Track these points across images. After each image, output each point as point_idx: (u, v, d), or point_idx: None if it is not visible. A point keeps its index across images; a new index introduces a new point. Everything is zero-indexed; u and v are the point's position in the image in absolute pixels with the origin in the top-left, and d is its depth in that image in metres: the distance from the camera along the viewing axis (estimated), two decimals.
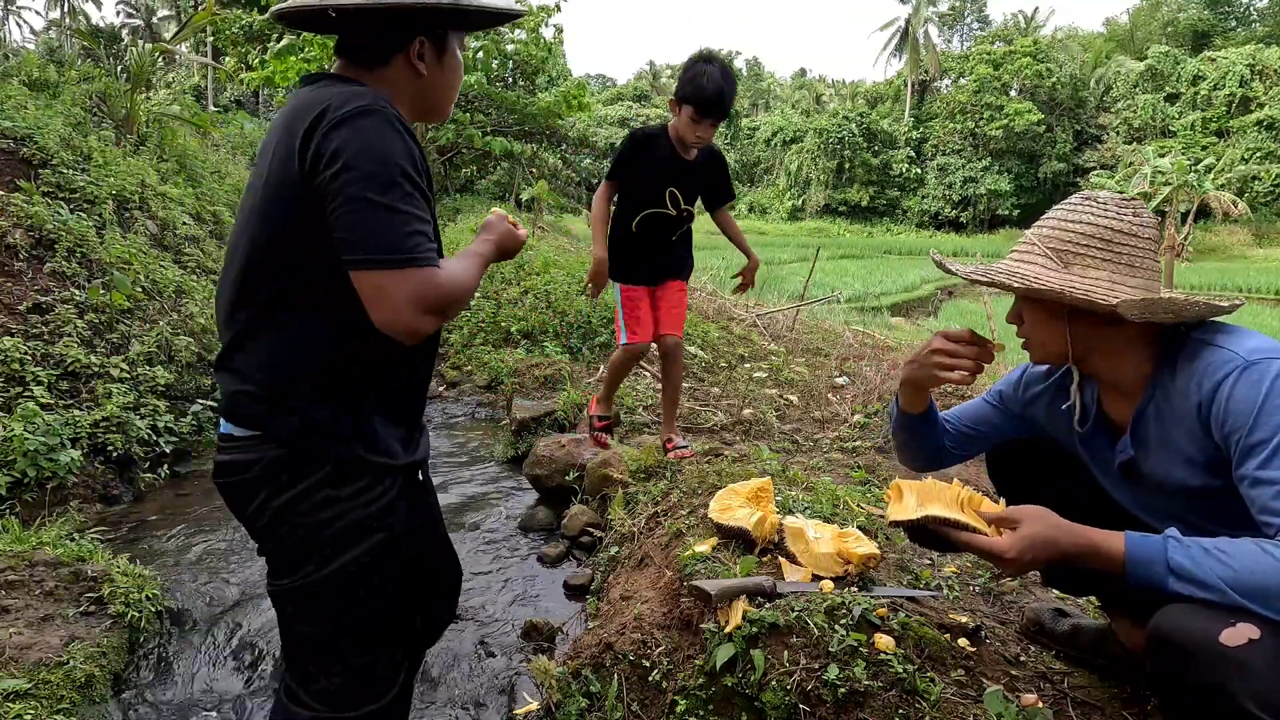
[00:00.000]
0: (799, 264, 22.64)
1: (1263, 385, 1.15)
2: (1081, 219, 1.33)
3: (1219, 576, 1.12)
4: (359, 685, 1.38)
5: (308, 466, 1.28)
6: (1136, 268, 1.30)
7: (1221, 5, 46.71)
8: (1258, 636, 1.06)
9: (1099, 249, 1.31)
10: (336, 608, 1.33)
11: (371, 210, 1.17)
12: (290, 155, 1.21)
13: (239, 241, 1.31)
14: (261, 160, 1.32)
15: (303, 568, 1.31)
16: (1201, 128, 38.42)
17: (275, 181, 1.25)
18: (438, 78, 1.42)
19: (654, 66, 70.00)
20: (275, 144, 1.27)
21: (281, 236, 1.25)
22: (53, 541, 2.45)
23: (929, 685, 1.47)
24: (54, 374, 3.56)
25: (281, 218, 1.25)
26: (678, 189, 2.92)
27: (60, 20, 45.16)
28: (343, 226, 1.18)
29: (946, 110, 47.10)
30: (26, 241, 4.12)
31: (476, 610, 2.60)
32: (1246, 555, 1.11)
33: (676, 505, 2.48)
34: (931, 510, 1.35)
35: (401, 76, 1.37)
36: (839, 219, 47.98)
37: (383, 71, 1.36)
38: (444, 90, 1.45)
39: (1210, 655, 1.08)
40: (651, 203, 2.92)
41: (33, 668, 1.92)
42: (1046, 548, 1.24)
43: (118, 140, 6.25)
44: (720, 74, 2.72)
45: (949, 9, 58.54)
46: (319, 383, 1.28)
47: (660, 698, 1.78)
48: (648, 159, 2.90)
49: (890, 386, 4.64)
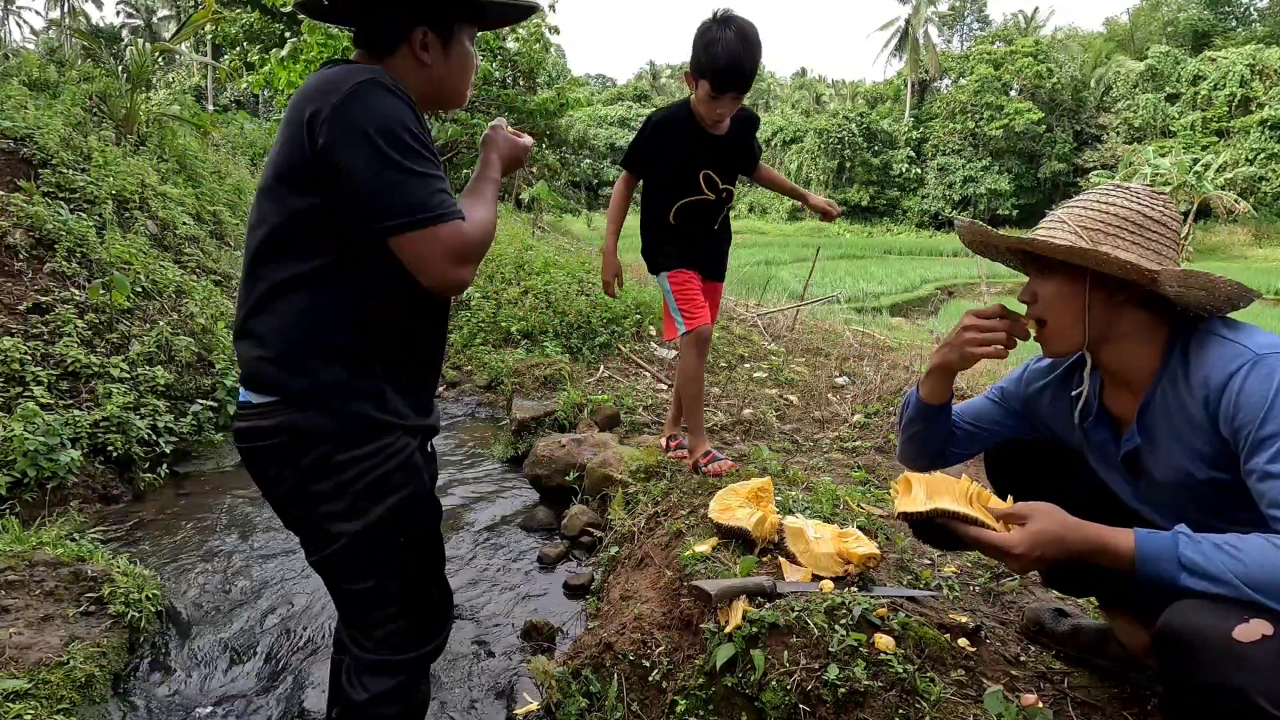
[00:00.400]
0: (799, 264, 22.64)
1: (1274, 379, 1.15)
2: (1114, 202, 1.33)
3: (1231, 571, 1.11)
4: (419, 621, 1.45)
5: (326, 428, 1.33)
6: (1161, 254, 1.30)
7: (1221, 5, 46.69)
8: (1271, 633, 1.06)
9: (1131, 232, 1.30)
10: (378, 560, 1.38)
11: (391, 175, 1.22)
12: (299, 132, 1.26)
13: (257, 217, 1.35)
14: (277, 140, 1.37)
15: (336, 529, 1.35)
16: (1202, 128, 38.40)
17: (285, 159, 1.29)
18: (442, 69, 1.45)
19: (654, 66, 70.03)
20: (286, 123, 1.31)
21: (293, 211, 1.29)
22: (53, 541, 2.45)
23: (929, 685, 1.46)
24: (54, 374, 3.56)
25: (292, 193, 1.29)
26: (712, 170, 2.63)
27: (60, 20, 45.15)
28: (366, 195, 1.22)
29: (946, 110, 47.08)
30: (26, 241, 4.11)
31: (476, 610, 2.60)
32: (1257, 549, 1.11)
33: (676, 505, 2.48)
34: (941, 503, 1.34)
35: (408, 66, 1.41)
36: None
37: (391, 60, 1.40)
38: (451, 82, 1.48)
39: (1222, 652, 1.07)
40: (685, 190, 2.64)
41: (33, 668, 1.92)
42: (1055, 544, 1.24)
43: (118, 140, 6.25)
44: (737, 38, 2.35)
45: (949, 9, 58.54)
46: (333, 350, 1.33)
47: (660, 698, 1.78)
48: (671, 143, 2.61)
49: (890, 386, 4.64)
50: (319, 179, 1.25)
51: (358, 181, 1.22)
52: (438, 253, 1.24)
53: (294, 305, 1.31)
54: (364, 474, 1.33)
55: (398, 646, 1.42)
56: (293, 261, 1.30)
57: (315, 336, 1.32)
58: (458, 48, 1.45)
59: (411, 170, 1.23)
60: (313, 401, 1.32)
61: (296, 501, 1.37)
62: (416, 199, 1.23)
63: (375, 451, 1.34)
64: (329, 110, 1.22)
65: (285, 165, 1.30)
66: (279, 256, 1.31)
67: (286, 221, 1.30)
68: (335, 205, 1.26)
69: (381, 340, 1.36)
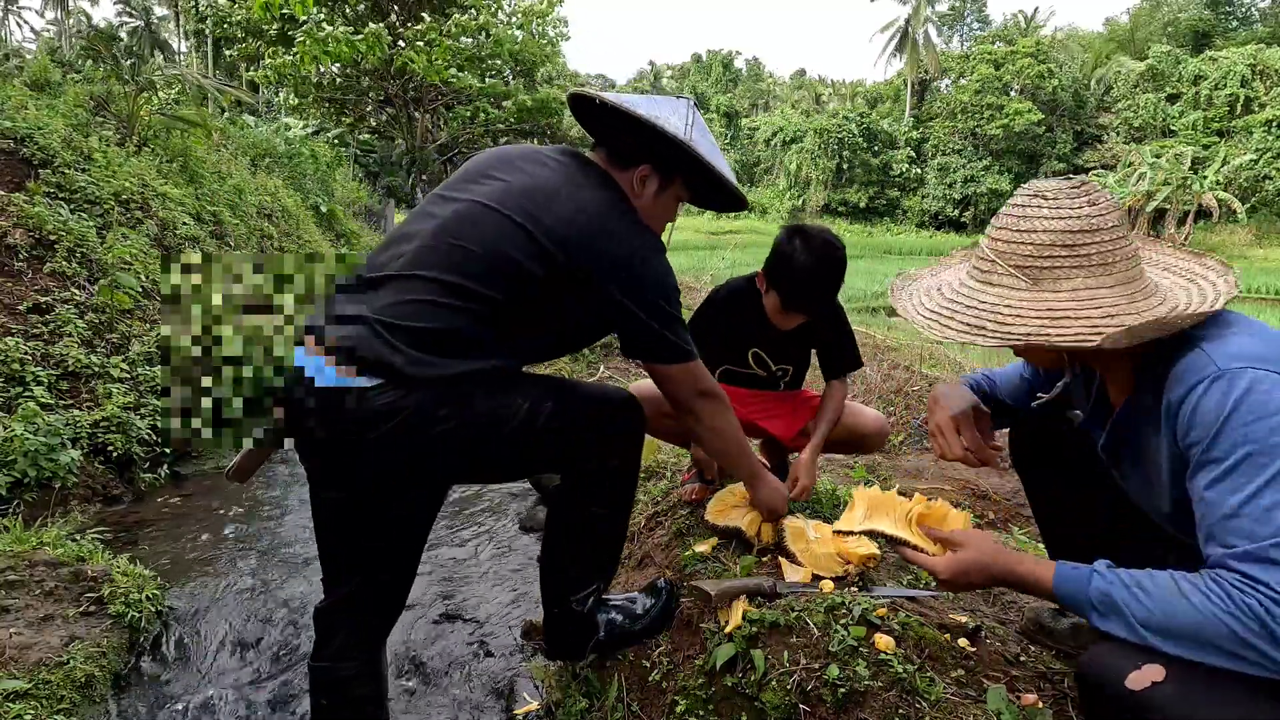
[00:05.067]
0: None
1: (1230, 398, 1.07)
2: (1035, 226, 1.21)
3: (1132, 614, 1.09)
4: (612, 415, 1.64)
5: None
6: (1110, 264, 1.20)
7: (1222, 5, 46.70)
8: (1161, 679, 1.04)
9: (1065, 256, 1.20)
10: (517, 432, 1.52)
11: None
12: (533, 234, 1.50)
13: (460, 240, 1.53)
14: (508, 172, 1.60)
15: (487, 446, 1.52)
16: (1203, 127, 38.39)
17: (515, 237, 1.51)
18: (648, 206, 1.67)
19: (654, 66, 70.10)
20: (522, 191, 1.55)
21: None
22: (53, 542, 2.45)
23: (929, 685, 1.46)
24: (54, 374, 3.56)
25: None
26: (763, 351, 2.35)
27: (58, 20, 45.16)
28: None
29: (947, 110, 47.09)
30: (26, 241, 4.12)
31: (475, 610, 2.60)
32: (1160, 592, 1.08)
33: (676, 505, 2.48)
34: (876, 524, 1.49)
35: (627, 188, 1.65)
36: (839, 219, 47.95)
37: (620, 174, 1.65)
38: (648, 220, 1.67)
39: (1117, 698, 1.07)
40: (731, 360, 2.39)
41: (33, 668, 1.93)
42: (980, 572, 1.31)
43: (119, 141, 6.25)
44: (826, 264, 2.04)
45: (949, 9, 58.55)
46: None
47: (660, 698, 1.78)
48: (731, 317, 2.31)
49: (890, 386, 4.64)
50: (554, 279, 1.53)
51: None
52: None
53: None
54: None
55: (612, 453, 1.69)
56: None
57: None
58: (667, 195, 1.69)
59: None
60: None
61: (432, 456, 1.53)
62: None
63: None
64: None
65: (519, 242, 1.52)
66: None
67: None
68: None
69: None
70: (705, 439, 1.86)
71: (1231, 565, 1.04)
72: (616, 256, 1.52)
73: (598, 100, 1.60)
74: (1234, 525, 1.05)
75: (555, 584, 1.82)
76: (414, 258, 1.49)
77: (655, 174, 1.65)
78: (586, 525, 1.74)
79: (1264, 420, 1.04)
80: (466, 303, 1.46)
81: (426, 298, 1.45)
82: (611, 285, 1.52)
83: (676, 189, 1.70)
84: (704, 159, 1.61)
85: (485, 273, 1.47)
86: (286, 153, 10.80)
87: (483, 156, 1.70)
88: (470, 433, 1.46)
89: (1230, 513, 1.05)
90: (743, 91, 63.43)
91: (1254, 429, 1.05)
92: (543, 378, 1.63)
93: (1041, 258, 1.21)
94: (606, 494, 1.72)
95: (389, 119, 17.06)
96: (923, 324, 1.31)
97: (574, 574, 1.80)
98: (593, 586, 1.81)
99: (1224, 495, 1.06)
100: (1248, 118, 36.62)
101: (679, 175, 1.68)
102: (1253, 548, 1.02)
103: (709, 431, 1.78)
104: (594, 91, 1.61)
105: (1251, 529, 1.03)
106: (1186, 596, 1.05)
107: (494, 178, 1.59)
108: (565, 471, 1.70)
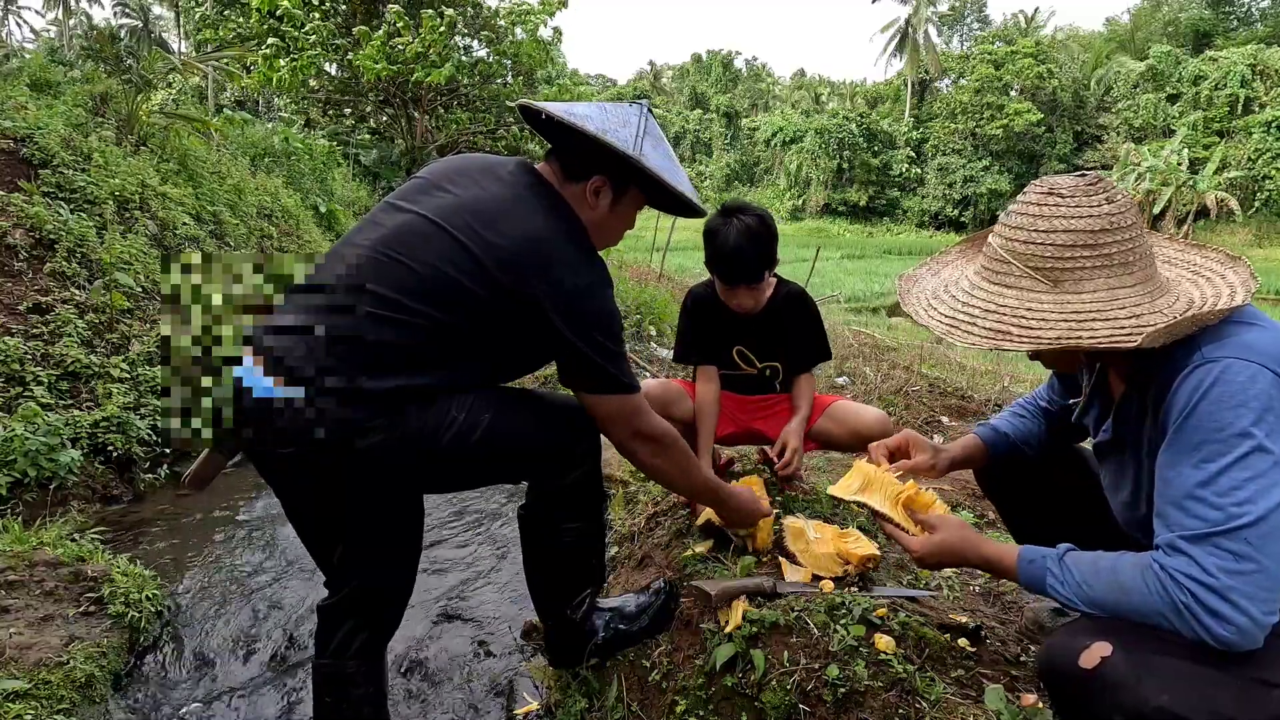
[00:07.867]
0: (799, 264, 22.63)
1: (1204, 384, 1.09)
2: (1055, 226, 1.17)
3: (1079, 599, 1.17)
4: (559, 429, 1.64)
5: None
6: (1131, 264, 1.17)
7: (1223, 5, 46.66)
8: (1109, 653, 1.07)
9: (1088, 256, 1.16)
10: (486, 437, 1.53)
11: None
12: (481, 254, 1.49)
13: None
14: (455, 186, 1.58)
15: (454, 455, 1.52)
16: (1203, 127, 38.37)
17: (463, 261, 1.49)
18: (603, 218, 1.65)
19: (654, 66, 70.11)
20: (462, 206, 1.53)
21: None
22: (53, 542, 2.45)
23: (929, 685, 1.46)
24: (54, 374, 3.56)
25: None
26: (745, 346, 2.43)
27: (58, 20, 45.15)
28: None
29: (947, 110, 47.07)
30: (26, 241, 4.11)
31: (475, 610, 2.60)
32: (1105, 569, 1.15)
33: (676, 505, 2.48)
34: (866, 499, 1.55)
35: (580, 200, 1.62)
36: (839, 219, 47.96)
37: (571, 188, 1.62)
38: (604, 231, 1.68)
39: (1076, 680, 1.11)
40: (717, 362, 2.45)
41: (33, 668, 1.92)
42: (951, 555, 1.39)
43: (119, 140, 6.25)
44: (740, 231, 2.16)
45: (949, 9, 58.53)
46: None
47: (660, 698, 1.78)
48: (705, 321, 2.43)
49: (890, 386, 4.64)
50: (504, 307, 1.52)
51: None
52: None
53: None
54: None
55: (578, 445, 1.68)
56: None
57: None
58: (622, 207, 1.67)
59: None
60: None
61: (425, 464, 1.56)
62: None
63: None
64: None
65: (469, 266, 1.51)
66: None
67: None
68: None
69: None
70: (650, 476, 1.84)
71: (1181, 547, 1.08)
72: (563, 287, 1.50)
73: (543, 115, 1.58)
74: (1189, 505, 1.08)
75: (545, 599, 1.82)
76: (356, 269, 1.48)
77: (609, 185, 1.62)
78: (561, 541, 1.73)
79: (1227, 406, 1.07)
80: (404, 319, 1.44)
81: (364, 310, 1.43)
82: (555, 315, 1.49)
83: (632, 197, 1.67)
84: (653, 173, 1.57)
85: (425, 292, 1.45)
86: (284, 151, 10.78)
87: (438, 165, 1.67)
88: (406, 446, 1.45)
89: (1186, 493, 1.09)
90: (743, 91, 63.40)
91: (1218, 414, 1.07)
92: (486, 391, 1.58)
93: (1064, 259, 1.17)
94: (573, 507, 1.71)
95: (389, 119, 17.05)
96: (941, 330, 1.27)
97: (561, 588, 1.80)
98: (585, 594, 1.81)
99: (1182, 475, 1.09)
100: (1248, 118, 36.60)
101: (633, 185, 1.65)
102: (1202, 530, 1.06)
103: (649, 470, 1.75)
104: (540, 104, 1.59)
105: (1204, 512, 1.07)
106: (1122, 584, 1.12)
107: (445, 190, 1.56)
108: (528, 486, 1.71)
